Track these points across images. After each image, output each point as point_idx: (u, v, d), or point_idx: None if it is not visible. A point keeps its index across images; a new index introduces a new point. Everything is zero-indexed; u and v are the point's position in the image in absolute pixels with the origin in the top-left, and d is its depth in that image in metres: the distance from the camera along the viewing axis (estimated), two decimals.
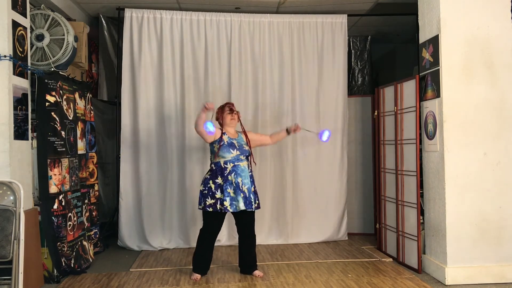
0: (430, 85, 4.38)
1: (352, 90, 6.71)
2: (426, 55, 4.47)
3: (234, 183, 4.15)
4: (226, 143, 4.21)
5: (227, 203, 4.12)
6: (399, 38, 7.25)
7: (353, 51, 6.79)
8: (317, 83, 5.73)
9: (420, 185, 4.50)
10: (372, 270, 4.52)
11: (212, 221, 4.23)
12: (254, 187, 4.29)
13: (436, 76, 4.27)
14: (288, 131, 4.53)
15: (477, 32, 4.19)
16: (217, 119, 4.41)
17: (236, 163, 4.19)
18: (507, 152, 4.17)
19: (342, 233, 5.81)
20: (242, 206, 4.13)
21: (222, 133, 4.28)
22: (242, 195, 4.14)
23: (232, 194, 4.15)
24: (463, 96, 4.17)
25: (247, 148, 4.31)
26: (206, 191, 4.20)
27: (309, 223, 5.70)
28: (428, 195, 4.48)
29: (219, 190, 4.16)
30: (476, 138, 4.15)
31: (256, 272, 4.34)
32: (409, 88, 4.65)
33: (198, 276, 4.27)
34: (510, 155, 4.17)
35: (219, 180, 4.18)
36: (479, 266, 4.11)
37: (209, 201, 4.17)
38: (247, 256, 4.37)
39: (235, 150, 4.21)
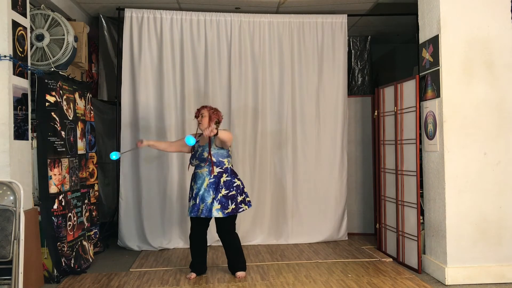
0: (430, 85, 4.38)
1: (352, 90, 6.71)
2: (426, 55, 4.46)
3: (194, 190, 4.24)
4: (193, 150, 4.33)
5: (190, 208, 4.23)
6: (399, 38, 7.24)
7: (353, 51, 6.79)
8: (317, 83, 5.73)
9: (420, 185, 4.50)
10: (372, 270, 4.52)
11: (192, 222, 4.33)
12: (226, 193, 4.15)
13: (436, 76, 4.27)
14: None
15: (477, 32, 4.19)
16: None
17: (195, 170, 4.31)
18: (507, 152, 4.17)
19: (342, 233, 5.81)
20: (191, 213, 4.19)
21: (197, 141, 4.31)
22: (192, 202, 4.20)
23: (192, 200, 4.24)
24: (463, 96, 4.16)
25: (206, 155, 4.21)
26: None
27: (309, 223, 5.70)
28: (428, 195, 4.47)
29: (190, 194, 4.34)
30: (476, 138, 4.15)
31: (238, 273, 4.30)
32: (409, 88, 4.65)
33: (192, 274, 4.31)
34: (510, 155, 4.17)
35: (192, 184, 4.34)
36: (479, 266, 4.11)
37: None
38: (229, 255, 4.35)
39: (195, 159, 4.29)
